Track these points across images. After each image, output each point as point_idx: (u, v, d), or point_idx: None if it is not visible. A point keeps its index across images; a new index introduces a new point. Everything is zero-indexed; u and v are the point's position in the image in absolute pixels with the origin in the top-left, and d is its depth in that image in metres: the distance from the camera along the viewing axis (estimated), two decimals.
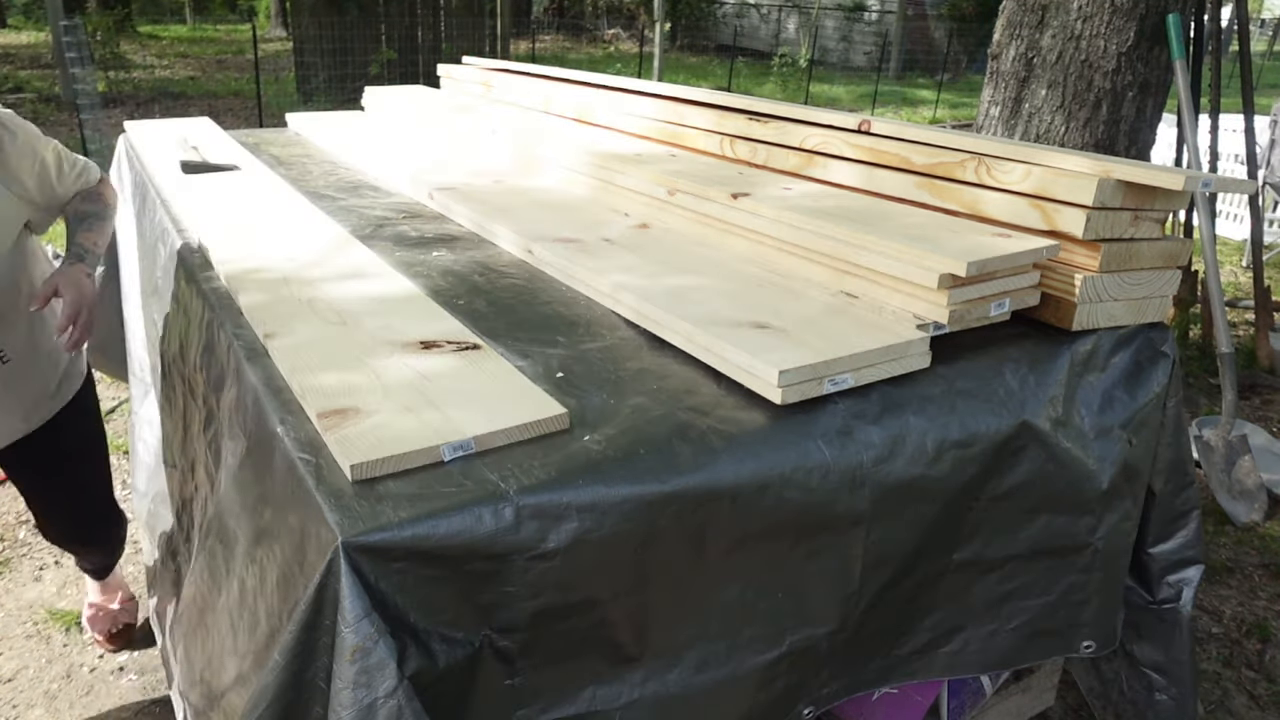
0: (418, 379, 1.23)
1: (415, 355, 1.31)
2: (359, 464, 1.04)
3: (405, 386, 1.21)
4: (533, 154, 2.31)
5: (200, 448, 1.53)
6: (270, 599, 1.13)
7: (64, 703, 2.16)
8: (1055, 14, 3.02)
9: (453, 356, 1.31)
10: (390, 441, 1.07)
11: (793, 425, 1.24)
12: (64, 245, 5.35)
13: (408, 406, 1.15)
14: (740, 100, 2.13)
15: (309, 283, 1.57)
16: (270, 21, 20.72)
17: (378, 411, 1.14)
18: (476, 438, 1.10)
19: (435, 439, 1.08)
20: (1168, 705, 1.82)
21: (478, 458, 1.10)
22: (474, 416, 1.14)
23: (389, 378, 1.23)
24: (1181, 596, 1.76)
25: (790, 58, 15.68)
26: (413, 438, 1.09)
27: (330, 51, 10.92)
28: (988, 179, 1.58)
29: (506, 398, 1.19)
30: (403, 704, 0.96)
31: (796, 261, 1.59)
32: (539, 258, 1.74)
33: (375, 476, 1.05)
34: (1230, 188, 1.55)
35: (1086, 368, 1.54)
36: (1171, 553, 1.75)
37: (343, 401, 1.16)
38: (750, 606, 1.26)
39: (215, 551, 1.36)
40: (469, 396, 1.19)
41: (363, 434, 1.09)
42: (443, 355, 1.31)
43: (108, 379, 3.78)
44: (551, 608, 1.09)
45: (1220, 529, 3.00)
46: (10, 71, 12.02)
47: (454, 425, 1.12)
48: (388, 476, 1.06)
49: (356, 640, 0.96)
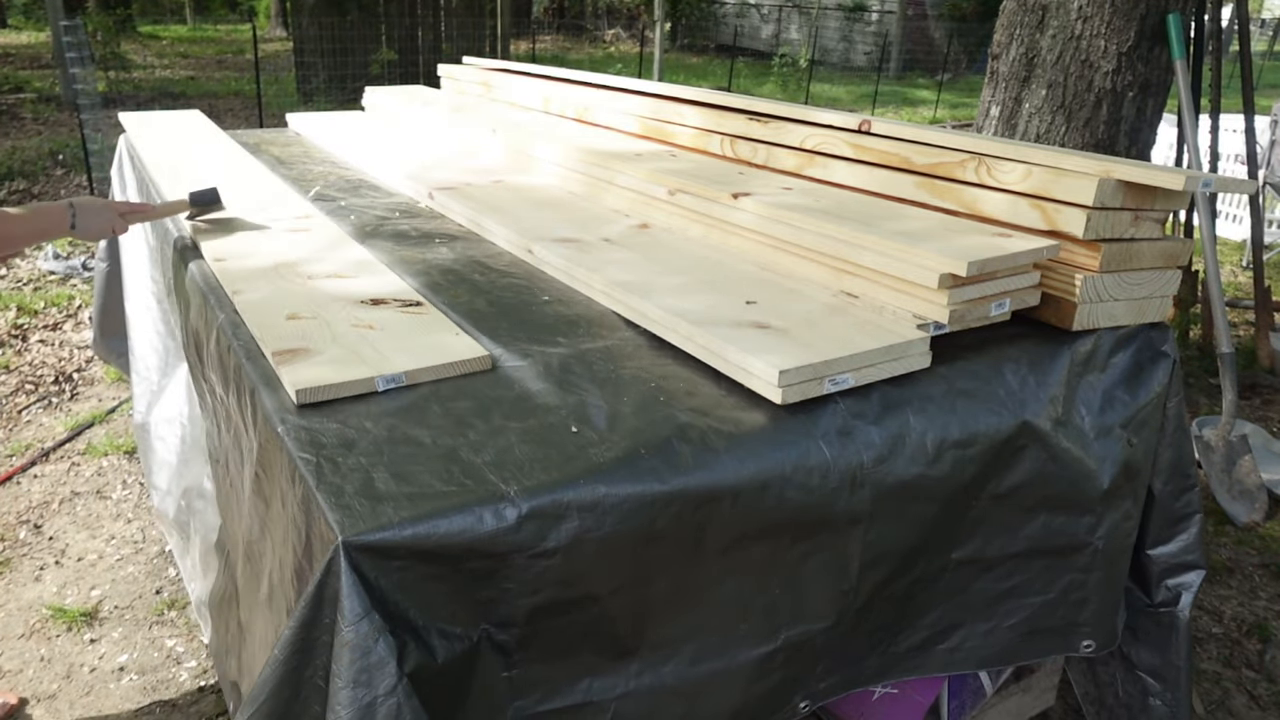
0: (364, 328, 1.41)
1: (364, 309, 1.49)
2: (303, 389, 1.21)
3: (352, 333, 1.39)
4: (532, 154, 2.31)
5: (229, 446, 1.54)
6: (277, 596, 1.14)
7: (64, 703, 2.16)
8: (1055, 14, 3.02)
9: (397, 312, 1.48)
10: (331, 373, 1.25)
11: (793, 425, 1.24)
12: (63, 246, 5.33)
13: (353, 349, 1.33)
14: (740, 100, 2.13)
15: (276, 250, 1.76)
16: (270, 21, 20.71)
17: (325, 352, 1.32)
18: (408, 373, 1.27)
19: (371, 372, 1.26)
20: (1162, 710, 1.81)
21: (478, 455, 1.11)
22: (407, 357, 1.31)
23: (339, 328, 1.41)
24: (1180, 600, 1.75)
25: (790, 58, 15.68)
26: (352, 371, 1.26)
27: (330, 51, 10.91)
28: (988, 179, 1.58)
29: (438, 344, 1.36)
30: (402, 702, 0.96)
31: (797, 261, 1.59)
32: (539, 257, 1.74)
33: (319, 402, 1.21)
34: (1230, 188, 1.55)
35: (1087, 368, 1.54)
36: (1171, 556, 1.74)
37: (296, 344, 1.34)
38: (747, 602, 1.27)
39: (251, 549, 1.37)
40: (406, 342, 1.36)
41: (309, 367, 1.27)
42: (388, 310, 1.49)
43: (109, 378, 3.78)
44: (550, 604, 1.09)
45: (1220, 529, 3.00)
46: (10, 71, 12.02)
47: (390, 363, 1.29)
48: (389, 475, 1.06)
49: (356, 639, 0.96)
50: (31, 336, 4.15)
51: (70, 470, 3.09)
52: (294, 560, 1.10)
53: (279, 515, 1.16)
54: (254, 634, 1.37)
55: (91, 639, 2.36)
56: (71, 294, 4.65)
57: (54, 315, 4.39)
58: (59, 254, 5.10)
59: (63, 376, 3.80)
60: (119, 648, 2.34)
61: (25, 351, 4.00)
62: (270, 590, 1.24)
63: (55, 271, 4.90)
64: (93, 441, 3.28)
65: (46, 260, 4.99)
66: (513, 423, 1.19)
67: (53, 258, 5.02)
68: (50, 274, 4.89)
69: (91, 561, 2.63)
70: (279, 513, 1.16)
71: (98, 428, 3.39)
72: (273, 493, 1.20)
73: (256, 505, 1.30)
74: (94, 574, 2.58)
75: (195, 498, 1.95)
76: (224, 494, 1.60)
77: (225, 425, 1.49)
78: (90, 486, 3.01)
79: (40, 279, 4.83)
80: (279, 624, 1.19)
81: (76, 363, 3.93)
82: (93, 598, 2.49)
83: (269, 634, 1.25)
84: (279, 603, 1.19)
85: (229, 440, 1.47)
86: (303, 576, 1.07)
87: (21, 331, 4.18)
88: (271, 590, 1.23)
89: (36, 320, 4.32)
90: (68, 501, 2.90)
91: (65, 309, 4.47)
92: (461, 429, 1.17)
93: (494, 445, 1.14)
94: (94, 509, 2.88)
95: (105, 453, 3.20)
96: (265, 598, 1.27)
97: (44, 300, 4.53)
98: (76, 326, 4.30)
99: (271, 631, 1.23)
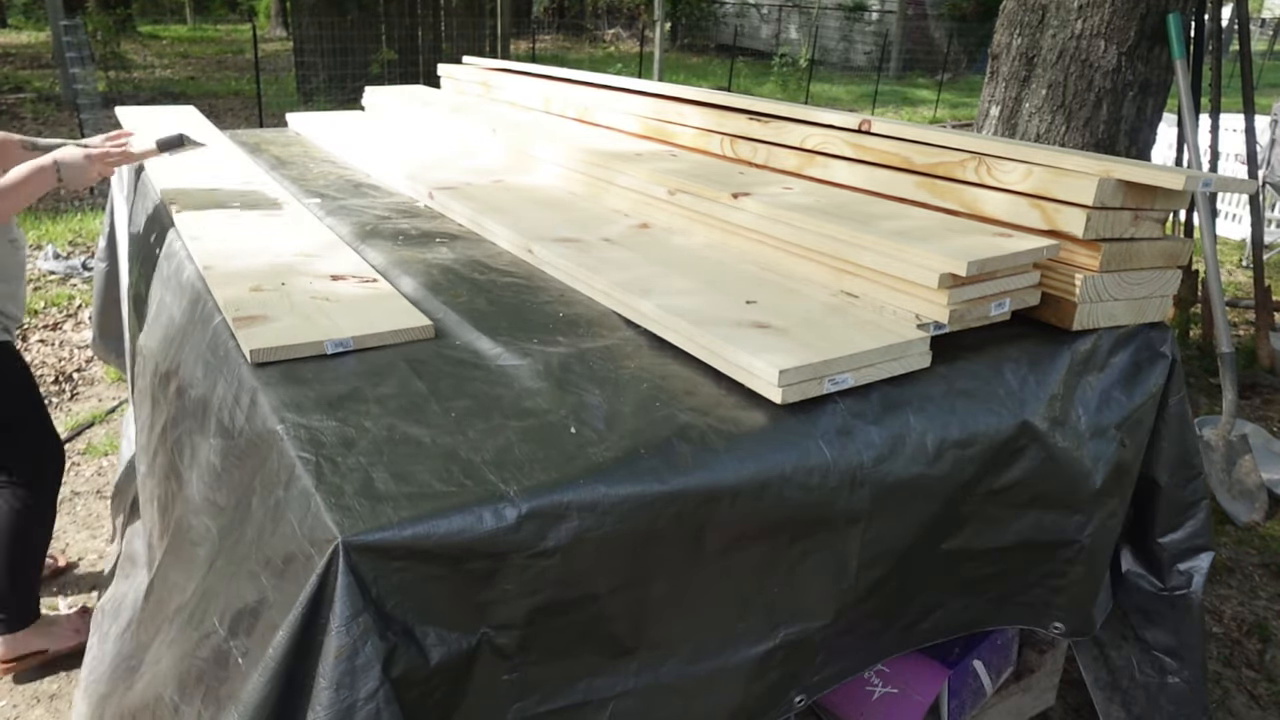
0: (321, 300, 1.51)
1: (324, 283, 1.59)
2: (258, 349, 1.32)
3: (309, 303, 1.49)
4: (532, 154, 2.31)
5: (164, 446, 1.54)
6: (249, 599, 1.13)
7: (64, 703, 2.16)
8: (1055, 13, 3.02)
9: (355, 285, 1.59)
10: (286, 336, 1.36)
11: (793, 425, 1.24)
12: (63, 245, 5.33)
13: (308, 317, 1.44)
14: (740, 100, 2.13)
15: (250, 232, 1.86)
16: (270, 21, 20.71)
17: (282, 319, 1.43)
18: (355, 338, 1.38)
19: (321, 337, 1.37)
20: (1180, 688, 1.84)
21: (477, 455, 1.11)
22: (357, 325, 1.42)
23: (297, 298, 1.51)
24: (1192, 582, 1.79)
25: (790, 58, 15.68)
26: (304, 336, 1.37)
27: (330, 51, 10.91)
28: (988, 179, 1.58)
29: (388, 314, 1.47)
30: (381, 707, 0.96)
31: (797, 261, 1.59)
32: (539, 257, 1.74)
33: (272, 361, 1.32)
34: (1230, 187, 1.55)
35: (1086, 367, 1.54)
36: (1181, 541, 1.78)
37: (255, 311, 1.45)
38: (746, 601, 1.27)
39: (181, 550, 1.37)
40: (359, 313, 1.47)
41: (266, 331, 1.38)
42: (346, 284, 1.59)
43: (109, 378, 3.78)
44: (549, 604, 1.09)
45: (1220, 529, 3.00)
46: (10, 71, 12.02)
47: (340, 330, 1.40)
48: (388, 474, 1.06)
49: (345, 640, 0.96)
50: (31, 336, 4.15)
51: (70, 470, 3.09)
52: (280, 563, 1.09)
53: (258, 516, 1.16)
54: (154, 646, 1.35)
55: None
56: (71, 294, 4.65)
57: (54, 315, 4.39)
58: (59, 254, 5.09)
59: (63, 376, 3.80)
60: None
61: (25, 351, 4.00)
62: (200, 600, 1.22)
63: (55, 271, 4.90)
64: (93, 441, 3.28)
65: (46, 260, 4.98)
66: (512, 422, 1.19)
67: (52, 258, 5.01)
68: (50, 274, 4.89)
69: (92, 561, 2.63)
70: (258, 514, 1.16)
71: (98, 427, 3.40)
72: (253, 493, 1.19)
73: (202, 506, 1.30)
74: (94, 575, 2.57)
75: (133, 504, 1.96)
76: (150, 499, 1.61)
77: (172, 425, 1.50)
78: (90, 486, 3.01)
79: (40, 279, 4.83)
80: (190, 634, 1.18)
81: (76, 363, 3.93)
82: (94, 598, 2.49)
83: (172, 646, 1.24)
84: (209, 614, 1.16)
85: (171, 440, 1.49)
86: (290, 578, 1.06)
87: (22, 331, 4.18)
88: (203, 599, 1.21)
89: (36, 320, 4.32)
90: (68, 501, 2.90)
91: (65, 309, 4.47)
92: (461, 428, 1.17)
93: (494, 445, 1.14)
94: (94, 509, 2.88)
95: (105, 453, 3.20)
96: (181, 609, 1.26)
97: (44, 300, 4.53)
98: (76, 326, 4.30)
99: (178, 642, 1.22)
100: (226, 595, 1.14)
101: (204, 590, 1.22)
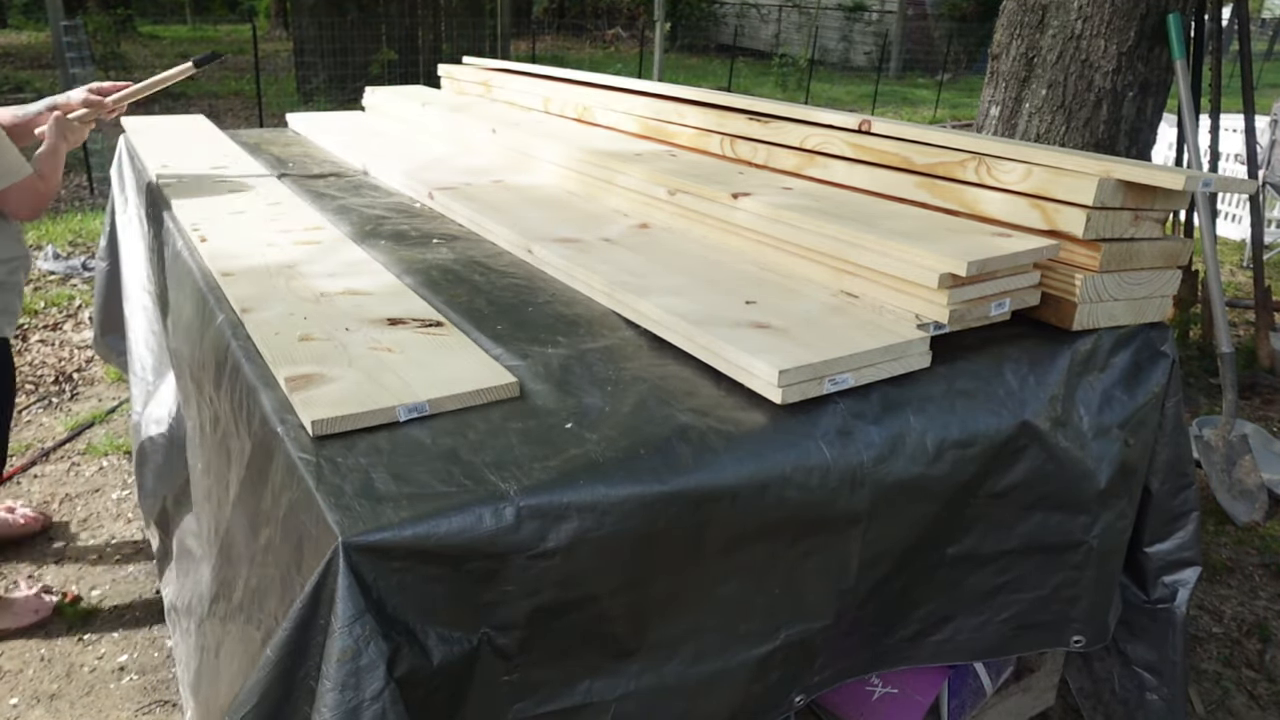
0: (382, 351, 1.31)
1: (381, 330, 1.39)
2: (319, 420, 1.12)
3: (369, 357, 1.29)
4: (532, 154, 2.31)
5: (211, 448, 1.53)
6: (269, 597, 1.13)
7: (64, 703, 2.16)
8: (1055, 14, 3.02)
9: (417, 332, 1.39)
10: (350, 402, 1.16)
11: (793, 425, 1.24)
12: (63, 245, 5.33)
13: (370, 374, 1.24)
14: (740, 100, 2.13)
15: (290, 266, 1.68)
16: (270, 22, 20.71)
17: (342, 378, 1.22)
18: (431, 401, 1.18)
19: (392, 401, 1.16)
20: (1158, 706, 1.82)
21: (477, 456, 1.10)
22: (430, 383, 1.22)
23: (355, 350, 1.32)
24: (1176, 597, 1.76)
25: (790, 58, 15.67)
26: (371, 400, 1.16)
27: (330, 51, 10.91)
28: (988, 179, 1.58)
29: (462, 368, 1.27)
30: (387, 708, 0.96)
31: (797, 261, 1.59)
32: (539, 257, 1.74)
33: (336, 433, 1.12)
34: (1230, 187, 1.55)
35: (1086, 367, 1.54)
36: (1168, 553, 1.75)
37: (310, 369, 1.24)
38: (747, 602, 1.27)
39: (228, 552, 1.37)
40: (427, 366, 1.27)
41: (326, 395, 1.17)
42: (407, 330, 1.40)
43: (109, 378, 3.78)
44: (550, 605, 1.09)
45: (1220, 529, 3.00)
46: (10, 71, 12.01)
47: (411, 390, 1.20)
48: (388, 475, 1.06)
49: (348, 642, 0.96)
50: (32, 336, 4.15)
51: (70, 470, 3.10)
52: (286, 563, 1.10)
53: (270, 517, 1.16)
54: (226, 641, 1.36)
55: (92, 639, 2.36)
56: (71, 294, 4.65)
57: (54, 315, 4.39)
58: (59, 254, 5.09)
59: (63, 376, 3.80)
60: (119, 648, 2.34)
61: (25, 351, 4.00)
62: (248, 597, 1.23)
63: (55, 271, 4.90)
64: (93, 441, 3.28)
65: (46, 260, 4.98)
66: (512, 423, 1.19)
67: (53, 258, 5.01)
68: (50, 274, 4.89)
69: (92, 561, 2.63)
70: (270, 515, 1.16)
71: (98, 428, 3.39)
72: (265, 494, 1.19)
73: (243, 508, 1.30)
74: (94, 574, 2.58)
75: (176, 500, 1.96)
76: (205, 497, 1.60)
77: (212, 426, 1.49)
78: (90, 486, 3.01)
79: (40, 279, 4.83)
80: (251, 633, 1.18)
81: (77, 363, 3.93)
82: (93, 598, 2.49)
83: (240, 642, 1.24)
84: (255, 612, 1.18)
85: (214, 441, 1.47)
86: (290, 580, 1.06)
87: (22, 331, 4.18)
88: (251, 596, 1.22)
89: (37, 320, 4.32)
90: (68, 501, 2.90)
91: (65, 309, 4.47)
92: (461, 429, 1.17)
93: (493, 445, 1.14)
94: (94, 509, 2.88)
95: (105, 453, 3.20)
96: (239, 606, 1.26)
97: (44, 300, 4.53)
98: (76, 326, 4.30)
99: (243, 639, 1.22)
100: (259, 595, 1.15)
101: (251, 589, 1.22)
